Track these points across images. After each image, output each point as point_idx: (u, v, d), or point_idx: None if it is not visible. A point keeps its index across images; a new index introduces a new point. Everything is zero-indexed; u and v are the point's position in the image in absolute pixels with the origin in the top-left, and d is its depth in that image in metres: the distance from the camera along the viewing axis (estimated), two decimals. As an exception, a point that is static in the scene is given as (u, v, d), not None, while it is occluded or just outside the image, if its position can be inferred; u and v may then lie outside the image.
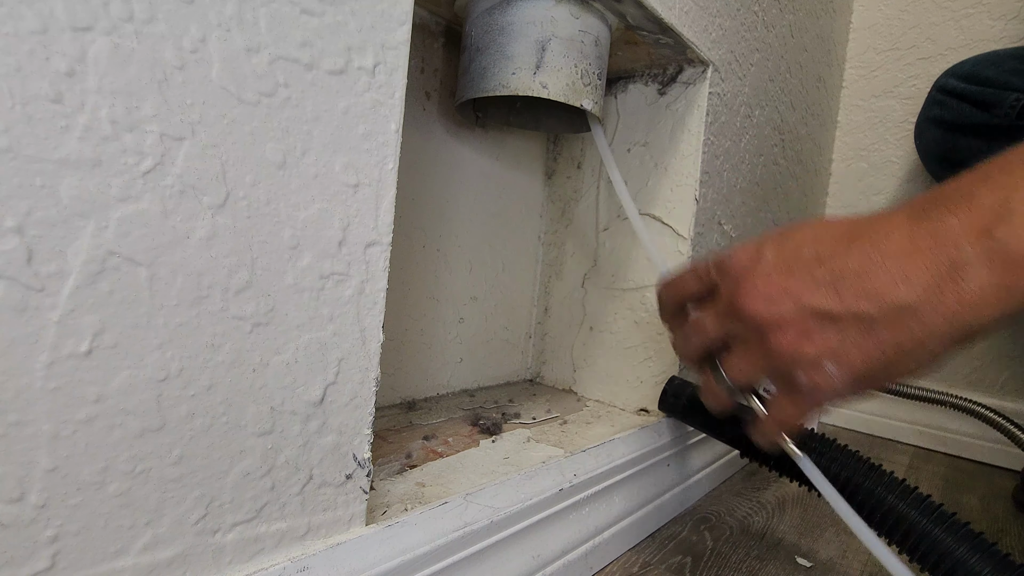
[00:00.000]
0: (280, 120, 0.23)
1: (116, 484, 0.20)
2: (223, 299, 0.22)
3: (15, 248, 0.17)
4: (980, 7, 0.88)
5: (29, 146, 0.17)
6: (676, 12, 0.46)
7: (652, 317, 0.56)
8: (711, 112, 0.54)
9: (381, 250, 0.27)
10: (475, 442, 0.43)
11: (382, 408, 0.50)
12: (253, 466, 0.23)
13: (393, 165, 0.27)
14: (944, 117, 0.74)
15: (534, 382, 0.66)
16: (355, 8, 0.24)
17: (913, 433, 0.88)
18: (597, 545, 0.41)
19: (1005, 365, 0.85)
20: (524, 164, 0.62)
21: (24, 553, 0.18)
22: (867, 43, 0.98)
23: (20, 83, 0.17)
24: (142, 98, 0.19)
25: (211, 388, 0.22)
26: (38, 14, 0.17)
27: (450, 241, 0.55)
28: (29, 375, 0.18)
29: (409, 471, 0.37)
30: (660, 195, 0.55)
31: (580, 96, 0.43)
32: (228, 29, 0.21)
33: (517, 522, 0.34)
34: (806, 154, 0.86)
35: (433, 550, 0.29)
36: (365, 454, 0.28)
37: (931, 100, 0.75)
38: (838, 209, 1.00)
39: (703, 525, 0.51)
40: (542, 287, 0.66)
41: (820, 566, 0.46)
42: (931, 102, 0.75)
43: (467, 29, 0.45)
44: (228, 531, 0.23)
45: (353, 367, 0.27)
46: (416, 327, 0.53)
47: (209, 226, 0.21)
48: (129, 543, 0.20)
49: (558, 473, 0.39)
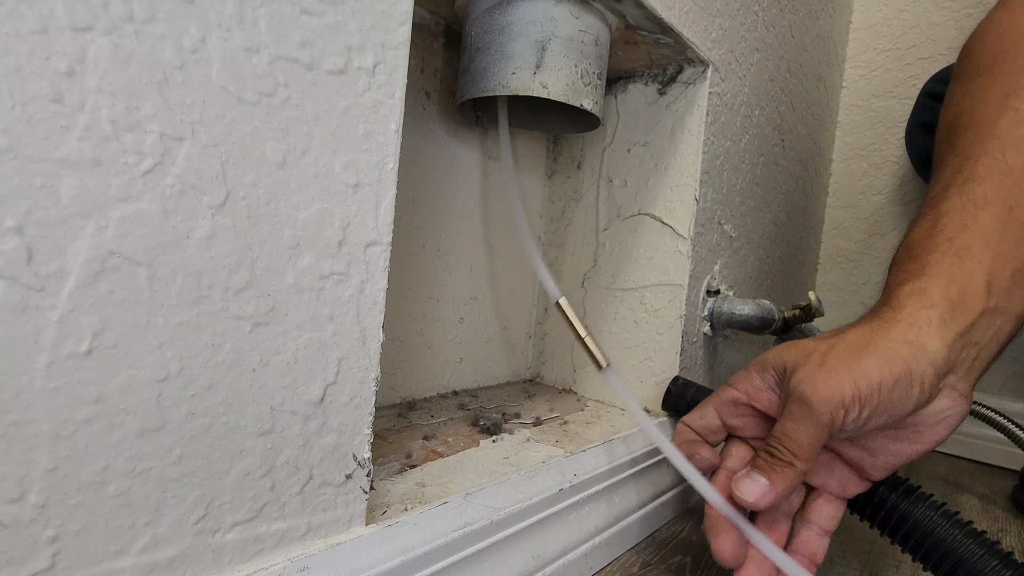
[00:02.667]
0: (280, 120, 0.23)
1: (116, 484, 0.20)
2: (223, 299, 0.22)
3: (15, 248, 0.17)
4: (980, 7, 0.88)
5: (29, 146, 0.17)
6: (676, 12, 0.46)
7: (652, 317, 0.56)
8: (711, 112, 0.54)
9: (381, 250, 0.27)
10: (475, 442, 0.43)
11: (382, 408, 0.50)
12: (253, 466, 0.23)
13: (393, 165, 0.27)
14: (933, 122, 0.74)
15: (534, 382, 0.66)
16: (355, 8, 0.24)
17: (913, 433, 0.87)
18: (597, 545, 0.41)
19: (1006, 365, 0.85)
20: (524, 164, 0.62)
21: (24, 553, 0.18)
22: (867, 43, 0.98)
23: (20, 83, 0.17)
24: (142, 98, 0.19)
25: (211, 388, 0.22)
26: (38, 14, 0.17)
27: (450, 241, 0.55)
28: (29, 375, 0.18)
29: (409, 471, 0.37)
30: (660, 195, 0.55)
31: (580, 96, 0.43)
32: (228, 29, 0.21)
33: (517, 522, 0.34)
34: (806, 154, 0.86)
35: (433, 550, 0.29)
36: (365, 454, 0.28)
37: (920, 105, 0.76)
38: (838, 209, 1.00)
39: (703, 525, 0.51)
40: (542, 287, 0.66)
41: (820, 566, 0.46)
42: (920, 107, 0.76)
43: (467, 29, 0.45)
44: (228, 531, 0.23)
45: (353, 367, 0.27)
46: (416, 327, 0.53)
47: (209, 226, 0.21)
48: (129, 543, 0.20)
49: (558, 473, 0.39)
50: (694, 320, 0.56)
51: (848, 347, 0.33)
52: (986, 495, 0.69)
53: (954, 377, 0.33)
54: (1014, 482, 0.72)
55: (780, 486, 0.32)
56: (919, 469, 0.77)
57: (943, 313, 0.32)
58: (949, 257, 0.34)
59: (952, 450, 0.84)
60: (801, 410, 0.32)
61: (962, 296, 0.33)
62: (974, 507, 0.65)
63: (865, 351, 0.32)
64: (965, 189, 0.35)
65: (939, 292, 0.33)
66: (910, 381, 0.31)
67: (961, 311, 0.32)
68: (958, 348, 0.32)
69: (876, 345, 0.32)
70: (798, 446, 0.32)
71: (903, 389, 0.31)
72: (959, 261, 0.33)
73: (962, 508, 0.64)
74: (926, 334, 0.32)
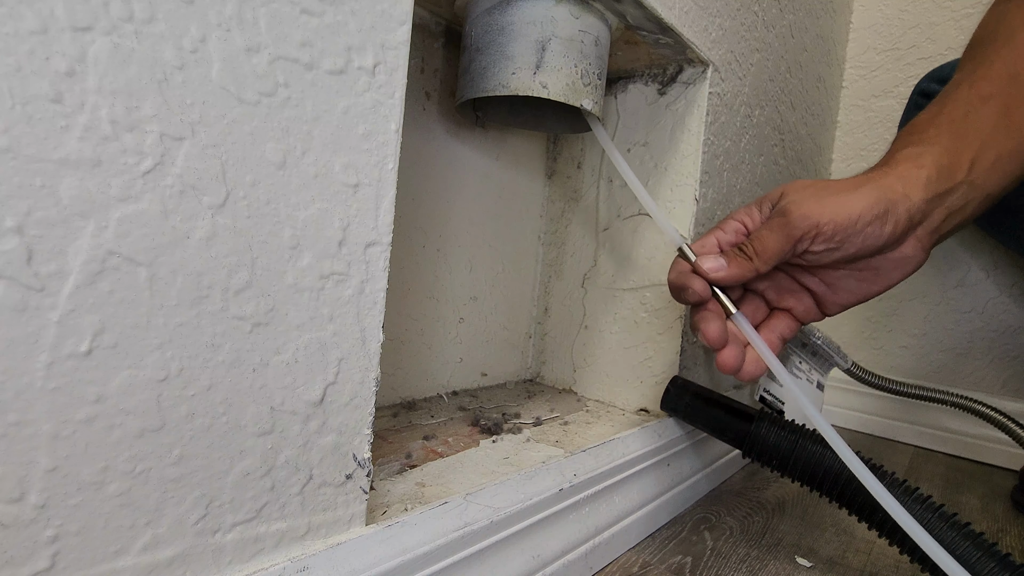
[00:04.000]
0: (280, 120, 0.23)
1: (116, 484, 0.20)
2: (223, 299, 0.22)
3: (15, 248, 0.17)
4: (980, 7, 0.88)
5: (29, 146, 0.17)
6: (676, 12, 0.46)
7: (652, 317, 0.56)
8: (711, 112, 0.54)
9: (381, 250, 0.27)
10: (475, 442, 0.43)
11: (382, 408, 0.50)
12: (253, 466, 0.23)
13: (393, 165, 0.27)
14: None
15: (534, 382, 0.66)
16: (355, 8, 0.24)
17: (913, 433, 0.88)
18: (597, 545, 0.41)
19: (1006, 365, 0.85)
20: (524, 164, 0.62)
21: (24, 553, 0.18)
22: (867, 43, 0.98)
23: (20, 83, 0.17)
24: (142, 98, 0.19)
25: (211, 388, 0.22)
26: (38, 14, 0.17)
27: (450, 241, 0.55)
28: (29, 375, 0.18)
29: (409, 471, 0.37)
30: (660, 195, 0.55)
31: (580, 96, 0.43)
32: (228, 29, 0.21)
33: (517, 522, 0.34)
34: (806, 154, 0.86)
35: (433, 550, 0.29)
36: (365, 454, 0.28)
37: (913, 104, 0.76)
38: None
39: (703, 525, 0.51)
40: (542, 287, 0.66)
41: (820, 566, 0.46)
42: (913, 106, 0.76)
43: (467, 29, 0.45)
44: (228, 531, 0.23)
45: (353, 367, 0.27)
46: (416, 327, 0.53)
47: (209, 226, 0.21)
48: (129, 543, 0.20)
49: (558, 473, 0.39)
50: (694, 320, 0.56)
51: (840, 186, 0.38)
52: (986, 495, 0.69)
53: (922, 230, 0.38)
54: (1014, 482, 0.72)
55: (734, 271, 0.38)
56: (919, 469, 0.77)
57: (930, 174, 0.37)
58: (946, 135, 0.39)
59: (952, 450, 0.84)
60: (779, 222, 0.38)
61: (949, 166, 0.38)
62: (974, 507, 0.65)
63: (855, 190, 0.37)
64: (975, 86, 0.40)
65: (931, 158, 0.38)
66: (885, 219, 0.36)
67: (946, 177, 0.37)
68: (933, 206, 0.38)
69: (866, 187, 0.37)
70: (763, 248, 0.38)
71: (878, 225, 0.36)
72: (954, 139, 0.39)
73: (962, 508, 0.64)
74: (912, 187, 0.37)
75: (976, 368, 0.87)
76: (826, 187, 0.38)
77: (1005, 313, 0.86)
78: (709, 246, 0.41)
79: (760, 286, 0.43)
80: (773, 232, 0.38)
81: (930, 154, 0.38)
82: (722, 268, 0.38)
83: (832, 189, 0.38)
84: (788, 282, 0.43)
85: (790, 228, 0.37)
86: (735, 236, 0.41)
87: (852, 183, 0.38)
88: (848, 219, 0.36)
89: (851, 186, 0.38)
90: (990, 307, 0.86)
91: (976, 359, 0.87)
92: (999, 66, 0.41)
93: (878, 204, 0.36)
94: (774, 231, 0.38)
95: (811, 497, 0.59)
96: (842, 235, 0.36)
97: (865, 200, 0.36)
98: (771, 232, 0.38)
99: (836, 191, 0.37)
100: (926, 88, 0.74)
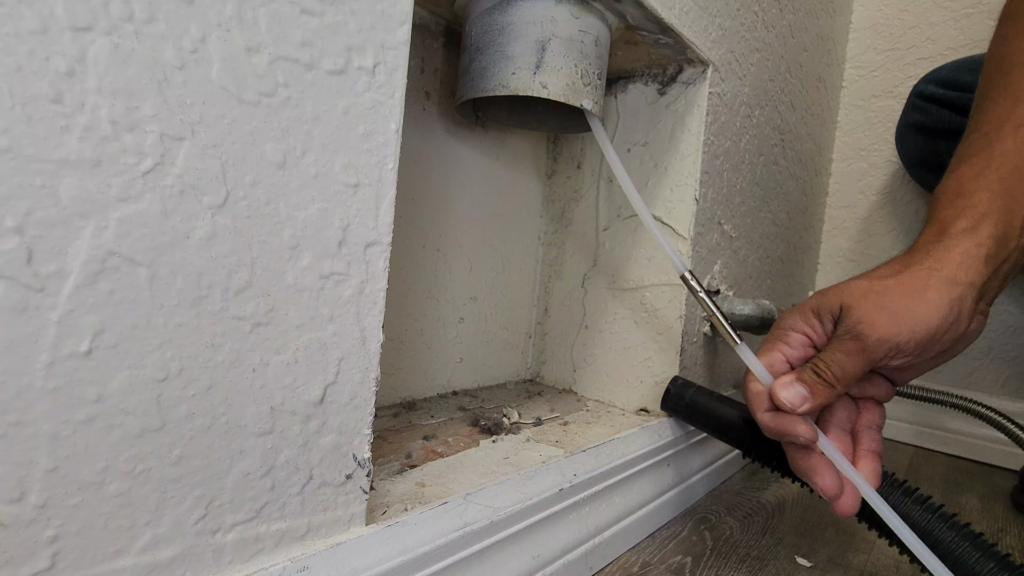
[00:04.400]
0: (280, 120, 0.23)
1: (116, 484, 0.20)
2: (223, 299, 0.22)
3: (15, 248, 0.17)
4: (980, 7, 0.88)
5: (29, 146, 0.17)
6: (676, 12, 0.46)
7: (652, 317, 0.56)
8: (711, 112, 0.54)
9: (381, 250, 0.27)
10: (475, 442, 0.43)
11: (382, 408, 0.50)
12: (253, 466, 0.23)
13: (393, 165, 0.27)
14: (924, 123, 0.75)
15: (534, 382, 0.66)
16: (355, 8, 0.24)
17: (913, 433, 0.88)
18: (597, 545, 0.41)
19: (1006, 365, 0.85)
20: (524, 164, 0.62)
21: (24, 553, 0.18)
22: (867, 43, 0.98)
23: (20, 83, 0.17)
24: (142, 98, 0.19)
25: (211, 388, 0.22)
26: (38, 14, 0.17)
27: (450, 241, 0.55)
28: (29, 375, 0.18)
29: (409, 471, 0.37)
30: (660, 195, 0.55)
31: (580, 96, 0.43)
32: (228, 29, 0.21)
33: (517, 522, 0.34)
34: (806, 154, 0.86)
35: (433, 550, 0.29)
36: (365, 454, 0.28)
37: (911, 106, 0.76)
38: (838, 209, 1.00)
39: (703, 525, 0.51)
40: (542, 287, 0.66)
41: (820, 566, 0.46)
42: (911, 108, 0.76)
43: (467, 29, 0.45)
44: (228, 531, 0.23)
45: (353, 367, 0.27)
46: (416, 327, 0.53)
47: (209, 226, 0.21)
48: (129, 543, 0.20)
49: (558, 473, 0.39)
50: (694, 320, 0.56)
51: (905, 290, 0.35)
52: (986, 495, 0.69)
53: (983, 303, 0.36)
54: (1014, 482, 0.72)
55: (817, 400, 0.36)
56: (919, 469, 0.77)
57: (990, 251, 0.35)
58: (1000, 198, 0.36)
59: (952, 450, 0.84)
60: (855, 347, 0.35)
61: (1005, 235, 0.36)
62: (974, 507, 0.65)
63: (921, 295, 0.35)
64: (1020, 131, 0.38)
65: (988, 231, 0.35)
66: (960, 319, 0.35)
67: (1002, 246, 0.36)
68: (993, 280, 0.36)
69: (931, 288, 0.35)
70: (843, 373, 0.35)
71: (954, 329, 0.35)
72: (1007, 200, 0.36)
73: (962, 508, 0.64)
74: (975, 273, 0.35)
75: (976, 368, 0.87)
76: (888, 292, 0.35)
77: (1005, 313, 0.86)
78: (778, 364, 0.39)
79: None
80: (851, 357, 0.35)
81: (986, 226, 0.36)
82: (807, 400, 0.36)
83: (897, 293, 0.35)
84: (866, 375, 0.40)
85: (869, 353, 0.35)
86: (803, 351, 0.39)
87: (915, 281, 0.35)
88: (928, 334, 0.34)
89: (916, 287, 0.35)
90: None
91: (976, 359, 0.87)
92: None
93: (952, 310, 0.34)
94: (851, 356, 0.35)
95: (811, 497, 0.59)
96: (923, 348, 0.35)
97: (939, 310, 0.34)
98: (848, 357, 0.35)
99: (904, 296, 0.35)
100: (924, 90, 0.74)
